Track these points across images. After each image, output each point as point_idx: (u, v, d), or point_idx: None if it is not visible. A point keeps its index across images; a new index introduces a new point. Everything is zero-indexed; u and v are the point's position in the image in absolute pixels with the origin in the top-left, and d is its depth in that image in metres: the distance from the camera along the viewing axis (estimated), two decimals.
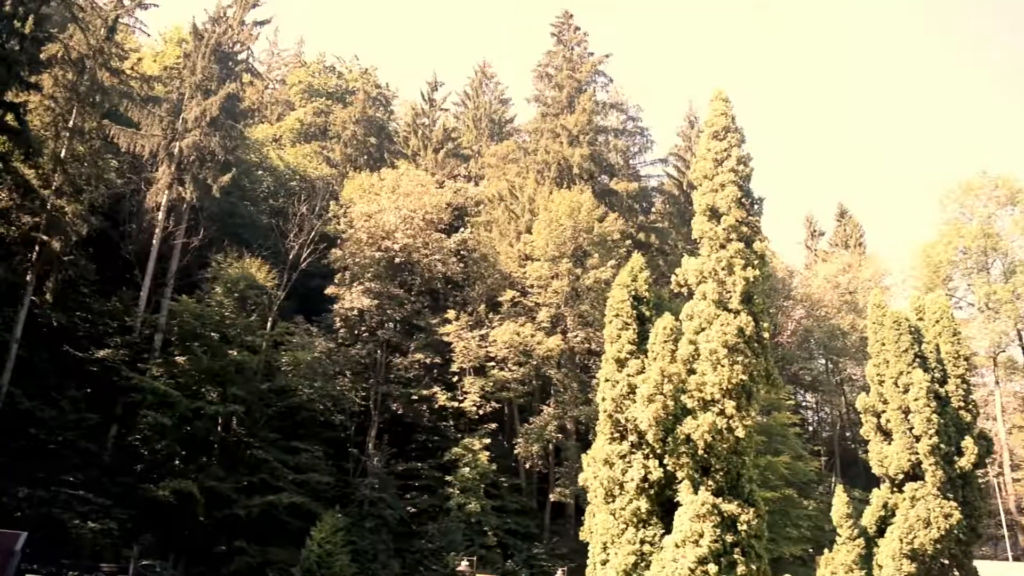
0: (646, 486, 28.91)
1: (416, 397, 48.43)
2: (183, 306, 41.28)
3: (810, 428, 69.07)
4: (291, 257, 48.02)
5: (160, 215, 44.55)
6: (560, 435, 48.36)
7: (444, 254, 51.90)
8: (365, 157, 63.35)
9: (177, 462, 39.61)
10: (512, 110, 77.03)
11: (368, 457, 46.24)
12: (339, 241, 50.37)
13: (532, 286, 50.33)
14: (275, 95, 73.87)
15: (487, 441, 47.46)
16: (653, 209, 67.08)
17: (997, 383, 64.07)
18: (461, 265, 53.47)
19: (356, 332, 49.86)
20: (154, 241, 44.07)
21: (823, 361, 65.40)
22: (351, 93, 70.16)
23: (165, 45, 58.76)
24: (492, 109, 74.51)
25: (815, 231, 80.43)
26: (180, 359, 41.38)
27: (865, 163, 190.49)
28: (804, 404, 69.65)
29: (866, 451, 38.20)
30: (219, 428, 41.77)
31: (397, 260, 50.05)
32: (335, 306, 48.82)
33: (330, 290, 49.03)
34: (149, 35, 53.63)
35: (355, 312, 48.67)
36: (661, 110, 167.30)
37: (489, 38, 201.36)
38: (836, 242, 78.08)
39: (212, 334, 41.86)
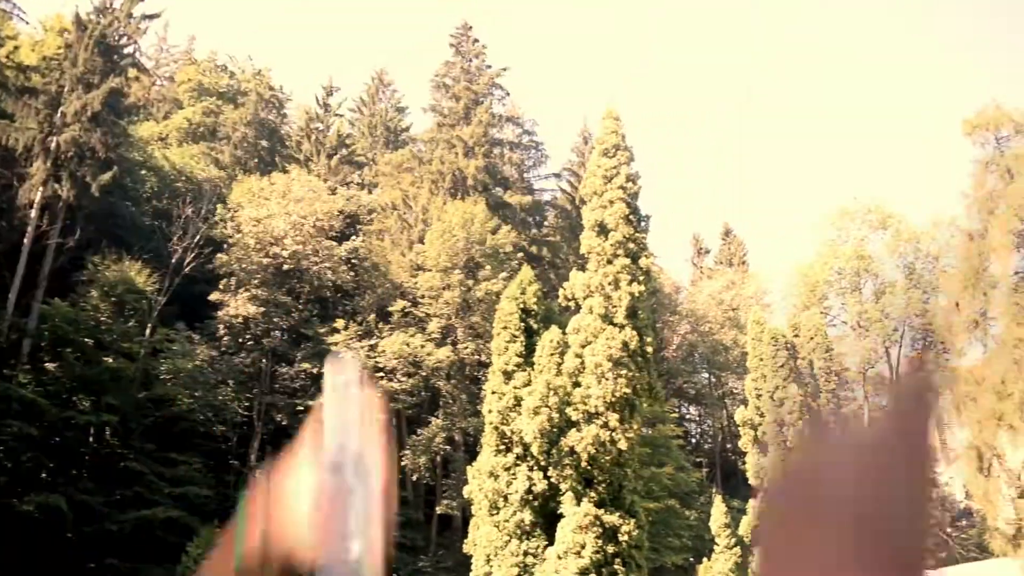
0: (530, 498, 29.07)
1: (302, 408, 47.30)
2: (55, 310, 39.21)
3: (693, 440, 70.85)
4: (174, 261, 46.27)
5: (33, 213, 42.22)
6: (448, 447, 48.16)
7: (335, 262, 51.06)
8: (256, 160, 61.82)
9: (44, 475, 37.53)
10: (408, 119, 76.49)
11: (250, 470, 44.93)
12: (225, 246, 48.87)
13: (423, 297, 50.06)
14: (163, 92, 71.28)
15: None
16: (546, 223, 67.78)
17: (866, 397, 66.94)
18: (352, 274, 52.71)
19: (241, 340, 48.43)
20: (25, 240, 41.70)
21: (706, 375, 67.31)
22: (243, 94, 68.36)
23: (45, 34, 55.79)
24: (388, 117, 73.84)
25: (701, 249, 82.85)
26: (50, 366, 39.30)
27: (752, 185, 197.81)
28: (688, 417, 71.43)
29: (745, 462, 39.47)
30: (91, 439, 39.85)
31: (286, 267, 48.93)
32: (219, 313, 47.31)
33: (214, 296, 47.47)
34: (28, 23, 50.85)
35: (240, 319, 47.29)
36: (557, 126, 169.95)
37: (387, 46, 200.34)
38: (721, 260, 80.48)
39: (86, 340, 39.92)
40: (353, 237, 55.24)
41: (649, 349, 28.95)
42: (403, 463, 48.00)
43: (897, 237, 64.28)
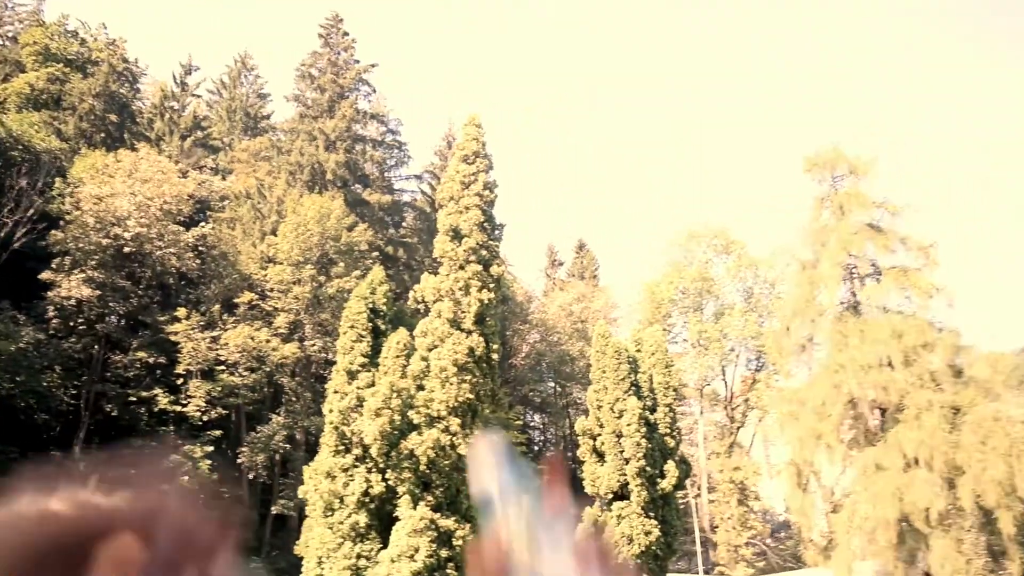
0: (367, 500, 28.79)
1: (135, 398, 45.13)
2: None
3: (536, 448, 72.04)
4: (3, 235, 43.18)
5: None
6: (288, 445, 47.04)
7: (180, 248, 48.91)
8: (103, 135, 58.48)
9: None
10: (270, 106, 74.42)
11: (74, 461, 42.32)
12: (62, 223, 45.95)
13: (272, 290, 48.75)
14: (3, 53, 66.45)
15: (210, 449, 45.13)
16: (404, 224, 67.42)
17: (701, 413, 70.44)
18: (198, 261, 50.63)
19: (72, 324, 45.60)
20: None
21: (552, 384, 68.66)
22: (94, 63, 64.53)
23: None
24: (249, 102, 71.62)
25: (555, 260, 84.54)
26: None
27: (609, 200, 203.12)
28: (532, 424, 72.62)
29: (583, 471, 40.41)
30: None
31: (127, 249, 46.47)
32: (50, 293, 44.43)
33: (45, 275, 44.49)
34: None
35: (73, 302, 44.51)
36: (422, 127, 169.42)
37: (254, 30, 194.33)
38: (573, 272, 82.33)
39: None
40: (202, 224, 53.10)
41: (495, 356, 29.31)
42: (240, 460, 46.59)
43: (739, 262, 67.77)
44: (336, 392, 30.08)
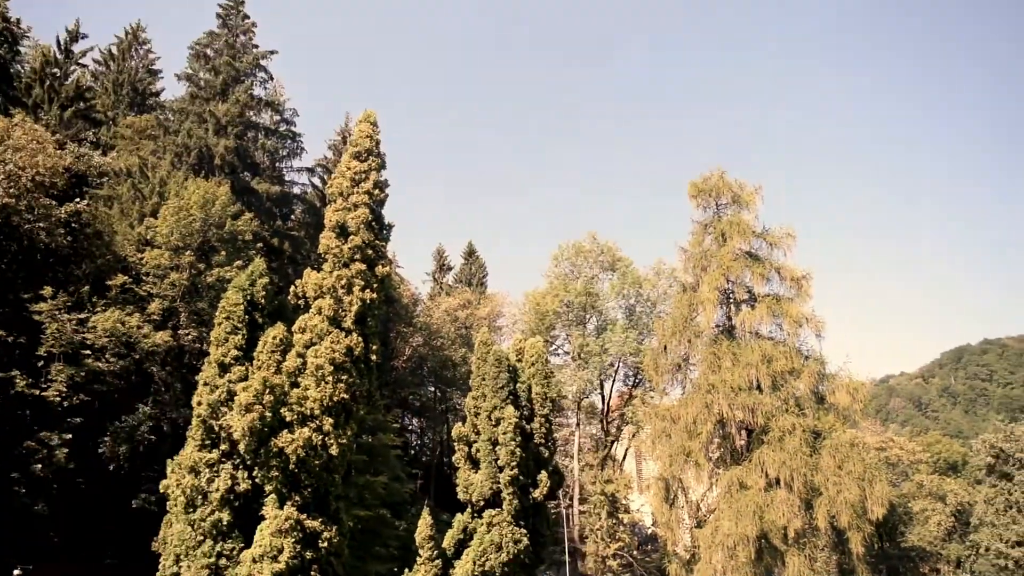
0: (231, 497, 28.01)
1: None
2: None
3: (412, 452, 71.64)
4: None
5: None
6: (154, 437, 45.14)
7: (51, 223, 46.32)
8: None
9: None
10: (160, 84, 71.56)
11: None
12: None
13: (148, 274, 46.73)
14: None
15: (68, 437, 42.88)
16: (293, 216, 65.99)
17: (578, 425, 71.55)
18: (70, 239, 48.13)
19: None
20: None
21: (433, 389, 68.43)
22: None
23: None
24: (138, 77, 68.67)
25: (444, 265, 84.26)
26: None
27: (502, 209, 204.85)
28: (410, 428, 72.19)
29: (457, 477, 40.37)
30: None
31: None
32: None
33: None
34: None
35: None
36: (318, 120, 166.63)
37: (149, 1, 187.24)
38: (461, 278, 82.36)
39: None
40: (77, 200, 50.56)
41: (374, 357, 28.98)
42: (101, 451, 44.46)
43: (623, 280, 69.23)
44: (206, 384, 29.16)
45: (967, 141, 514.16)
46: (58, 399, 43.63)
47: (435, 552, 36.01)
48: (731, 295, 41.55)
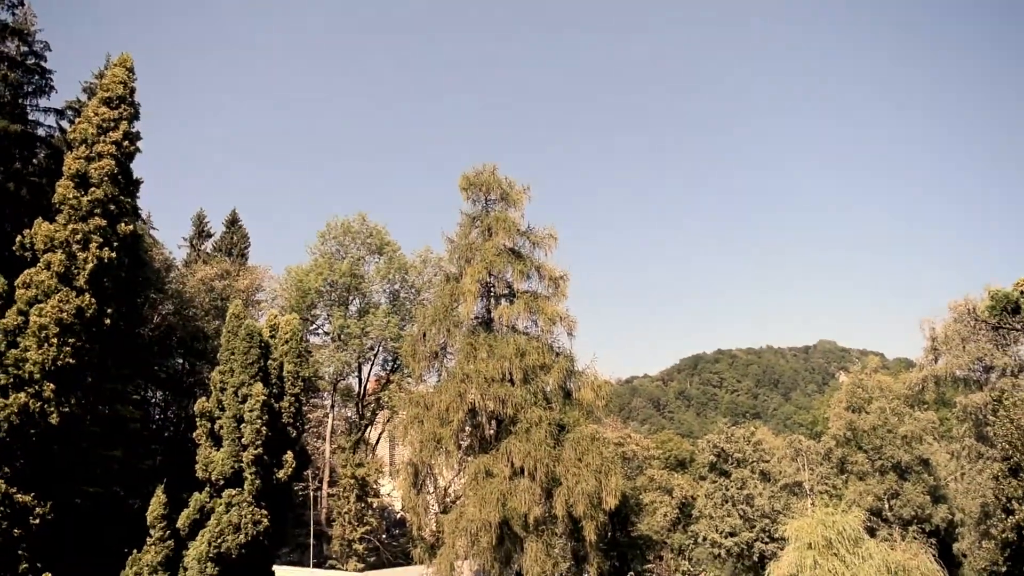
0: None
1: None
2: None
3: (154, 426, 67.37)
4: None
5: None
6: None
7: None
8: None
9: None
10: None
11: None
12: None
13: None
14: None
15: None
16: (35, 161, 59.65)
17: (333, 407, 70.51)
18: None
19: None
20: None
21: (182, 361, 64.68)
22: None
23: None
24: None
25: (204, 231, 79.44)
26: None
27: (270, 179, 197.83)
28: (153, 401, 67.80)
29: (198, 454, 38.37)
30: None
31: None
32: None
33: None
34: None
35: None
36: (76, 59, 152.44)
37: None
38: (222, 247, 78.22)
39: None
40: None
41: (108, 321, 26.72)
42: None
43: (389, 264, 68.99)
44: None
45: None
46: None
47: (168, 532, 34.05)
48: (492, 289, 42.56)
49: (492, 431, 40.33)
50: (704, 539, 73.39)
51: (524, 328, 41.73)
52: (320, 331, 70.78)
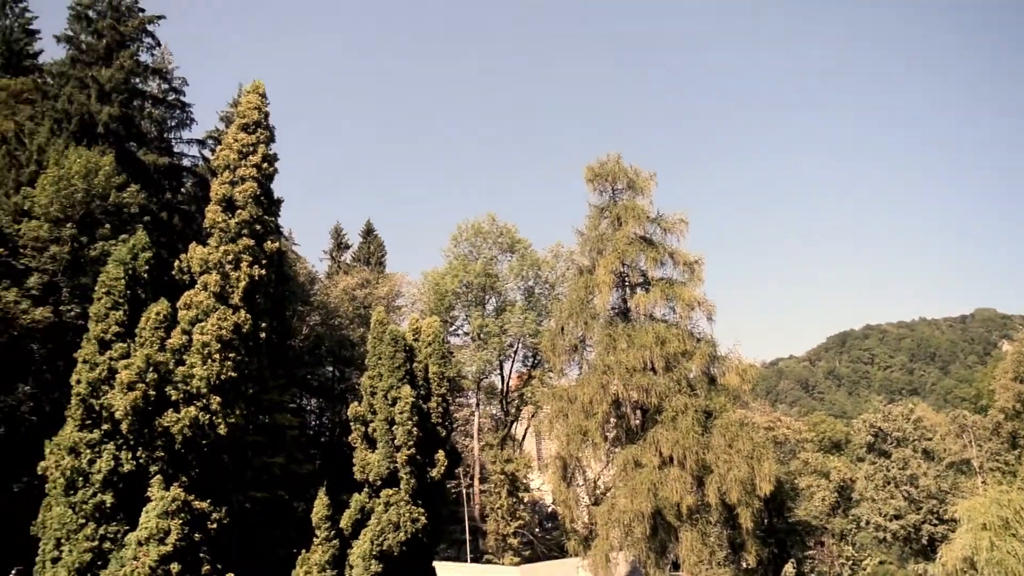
0: (115, 479, 26.94)
1: None
2: None
3: (311, 432, 70.49)
4: None
5: None
6: (36, 417, 43.05)
7: None
8: None
9: None
10: (39, 45, 67.50)
11: None
12: None
13: (26, 247, 44.37)
14: None
15: None
16: (183, 190, 63.51)
17: (478, 405, 71.73)
18: None
19: None
20: None
21: (331, 368, 67.36)
22: None
23: None
24: (14, 37, 64.66)
25: (342, 243, 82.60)
26: None
27: (401, 189, 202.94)
28: (308, 408, 70.94)
29: (354, 457, 39.85)
30: None
31: None
32: None
33: None
34: None
35: None
36: (211, 91, 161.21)
37: None
38: (360, 257, 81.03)
39: None
40: None
41: (263, 335, 28.18)
42: None
43: (522, 262, 69.51)
44: (86, 362, 27.86)
45: (869, 128, 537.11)
46: None
47: (332, 532, 35.58)
48: (626, 278, 42.23)
49: (637, 421, 40.09)
50: (867, 523, 70.58)
51: (662, 316, 41.25)
52: (460, 331, 72.21)
